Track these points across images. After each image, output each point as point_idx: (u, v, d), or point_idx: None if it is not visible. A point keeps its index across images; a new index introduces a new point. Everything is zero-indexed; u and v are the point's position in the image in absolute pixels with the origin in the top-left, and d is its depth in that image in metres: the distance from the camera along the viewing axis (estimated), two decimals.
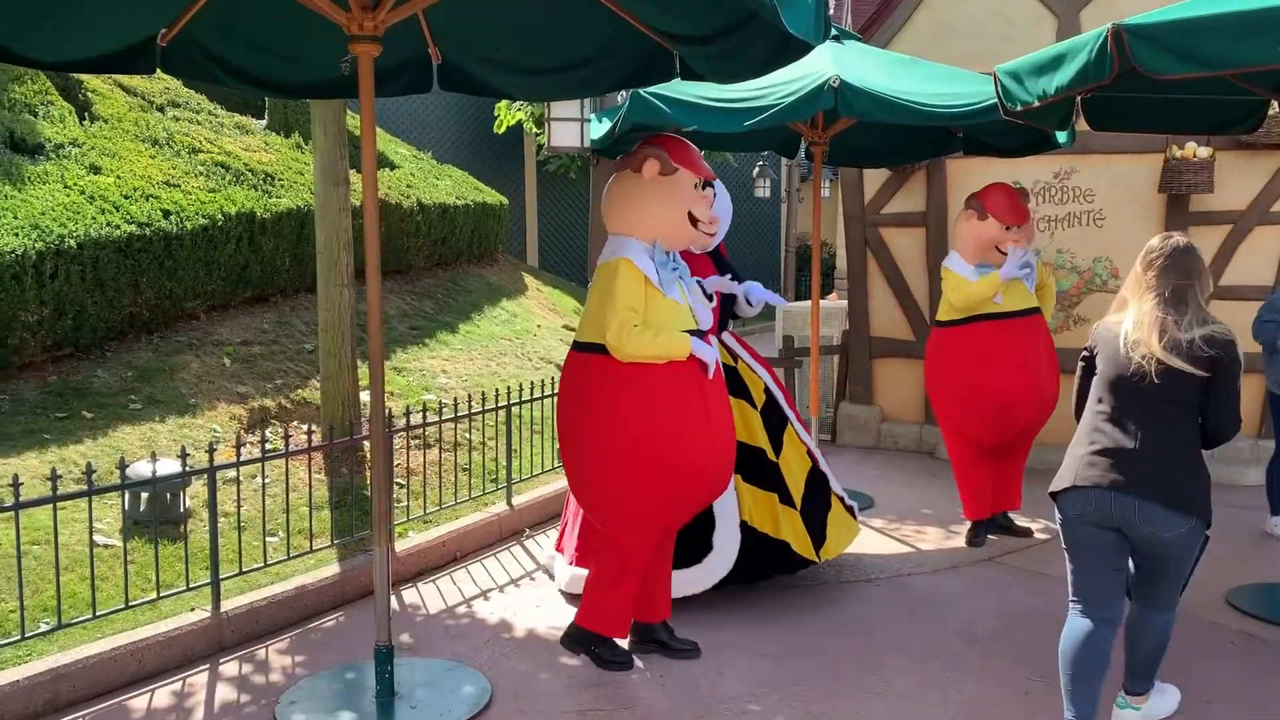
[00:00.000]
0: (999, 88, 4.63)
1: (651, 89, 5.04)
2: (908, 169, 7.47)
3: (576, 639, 3.92)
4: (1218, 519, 3.62)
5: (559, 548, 4.81)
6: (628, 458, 3.63)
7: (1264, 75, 4.48)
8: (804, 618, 4.43)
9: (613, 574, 3.80)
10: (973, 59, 6.42)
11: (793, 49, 3.62)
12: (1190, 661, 3.97)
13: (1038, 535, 5.64)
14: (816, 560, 4.55)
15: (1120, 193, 6.97)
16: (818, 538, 4.57)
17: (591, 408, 3.68)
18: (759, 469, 4.50)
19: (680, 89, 5.05)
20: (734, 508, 4.38)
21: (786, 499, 4.52)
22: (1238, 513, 5.18)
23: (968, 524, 5.61)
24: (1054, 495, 3.36)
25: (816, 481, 4.67)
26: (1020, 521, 5.76)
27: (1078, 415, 3.49)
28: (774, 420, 4.63)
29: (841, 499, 4.76)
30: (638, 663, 3.97)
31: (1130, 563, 3.33)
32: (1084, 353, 3.48)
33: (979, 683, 3.82)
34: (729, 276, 4.55)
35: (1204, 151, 6.52)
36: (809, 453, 4.70)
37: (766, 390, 4.68)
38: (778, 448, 4.59)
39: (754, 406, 4.58)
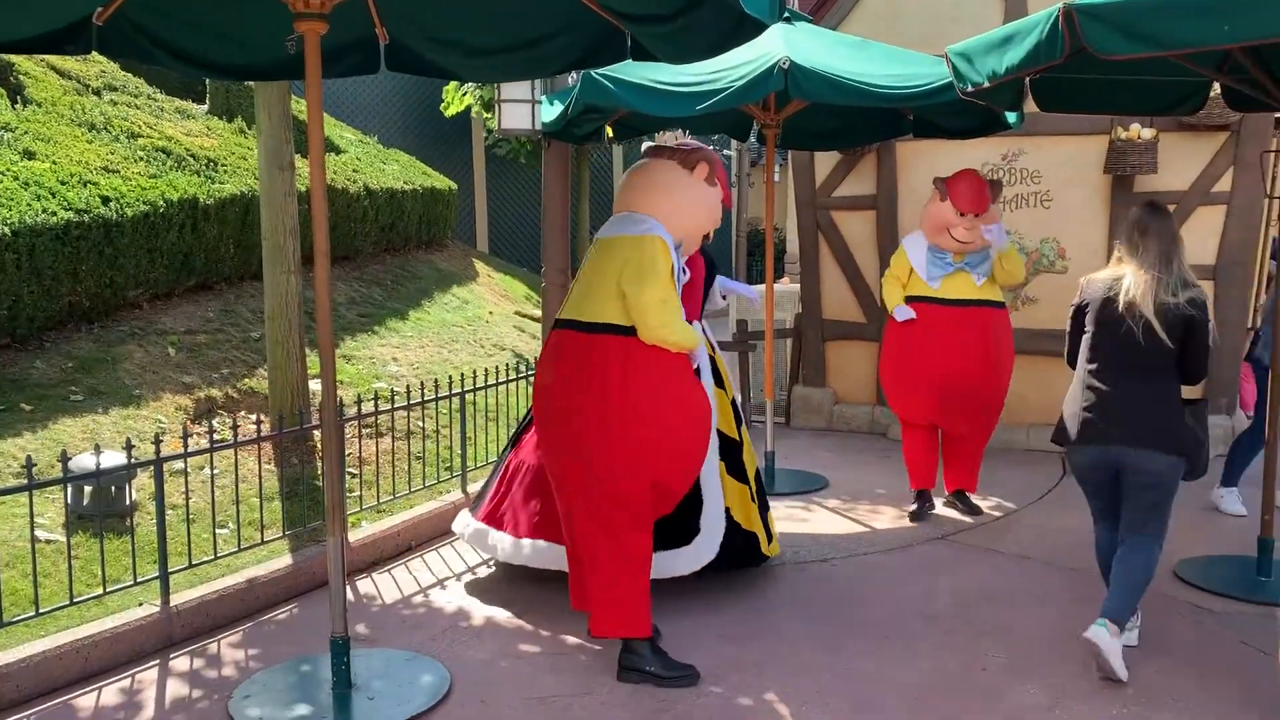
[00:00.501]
0: (951, 68, 4.65)
1: (603, 70, 4.99)
2: (858, 152, 7.50)
3: (629, 665, 3.67)
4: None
5: (492, 521, 4.56)
6: (659, 446, 3.58)
7: (1209, 56, 4.55)
8: (762, 599, 4.44)
9: (634, 571, 3.68)
10: (922, 40, 6.44)
11: (746, 29, 3.59)
12: (1141, 632, 4.03)
13: (989, 513, 5.71)
14: (768, 556, 4.64)
15: (1067, 174, 7.05)
16: (768, 532, 4.63)
17: (621, 394, 3.54)
18: (735, 460, 4.47)
19: (632, 71, 5.01)
20: (719, 492, 4.29)
21: (750, 492, 4.53)
22: (1184, 487, 5.27)
23: None
24: (1055, 441, 4.04)
25: (758, 477, 4.71)
26: (975, 500, 5.82)
27: (1071, 363, 4.03)
28: (736, 412, 4.63)
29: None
30: (598, 648, 3.95)
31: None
32: (1074, 305, 4.04)
33: (937, 659, 3.85)
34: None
35: (1148, 133, 6.62)
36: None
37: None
38: (743, 441, 4.59)
39: (726, 393, 4.58)
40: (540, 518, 4.41)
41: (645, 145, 4.52)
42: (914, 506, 5.66)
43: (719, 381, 4.50)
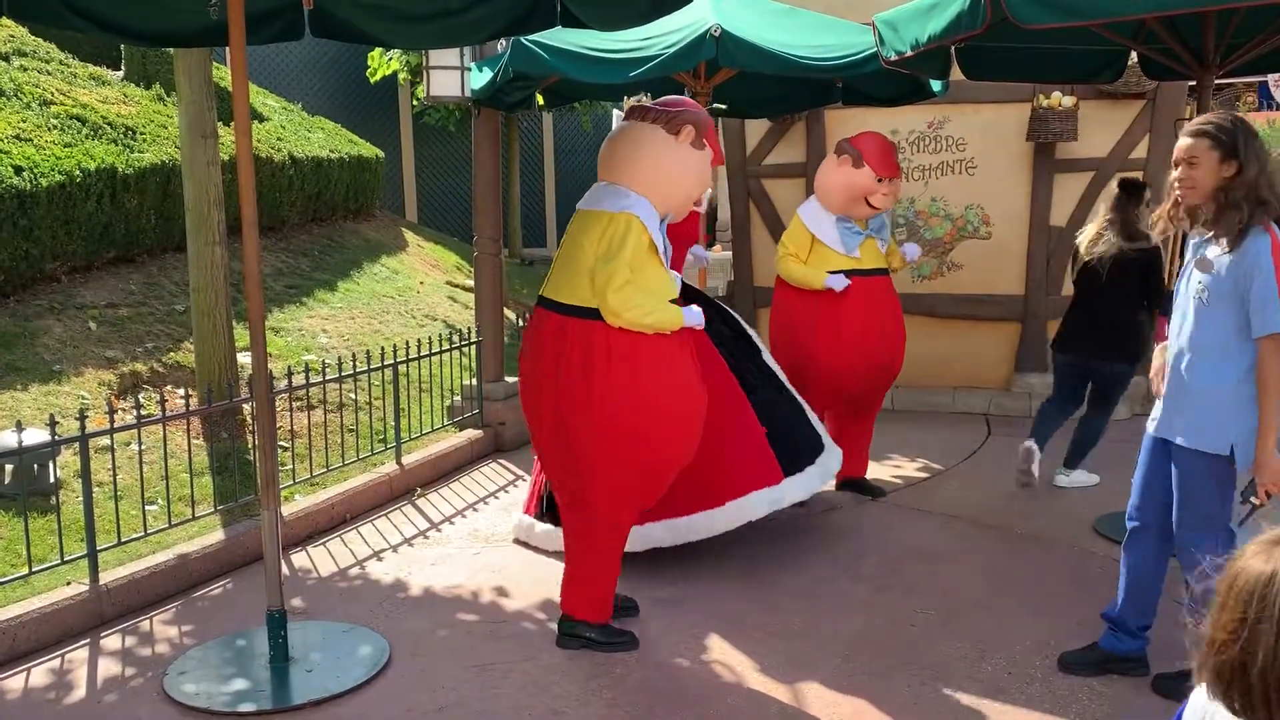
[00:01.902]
0: (877, 36, 4.72)
1: (533, 37, 4.96)
2: (788, 120, 7.55)
3: (569, 633, 3.70)
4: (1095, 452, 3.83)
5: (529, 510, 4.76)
6: (645, 435, 3.45)
7: (1126, 25, 4.67)
8: (694, 564, 4.49)
9: (610, 560, 3.67)
10: (850, 8, 6.49)
11: None
12: (1061, 586, 4.19)
13: (915, 474, 5.84)
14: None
15: (990, 141, 7.19)
16: None
17: (603, 382, 3.41)
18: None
19: (562, 38, 4.98)
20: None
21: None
22: (1108, 445, 5.46)
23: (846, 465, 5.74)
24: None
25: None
26: (874, 477, 5.66)
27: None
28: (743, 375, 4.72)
29: None
30: (538, 615, 3.98)
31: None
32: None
33: (868, 617, 3.95)
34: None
35: (1068, 101, 6.77)
36: None
37: None
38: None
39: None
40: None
41: (627, 104, 4.43)
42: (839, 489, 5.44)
43: (737, 351, 4.59)
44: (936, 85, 5.79)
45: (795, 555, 4.62)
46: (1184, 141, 3.14)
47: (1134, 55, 5.25)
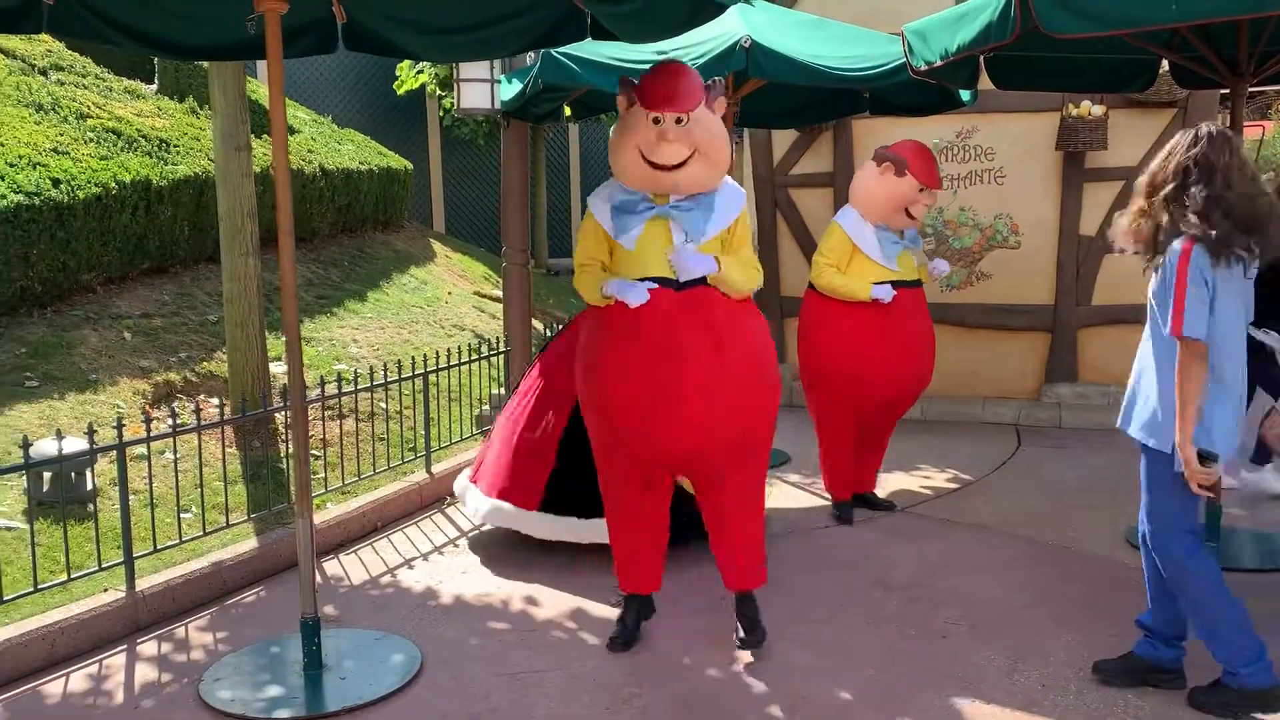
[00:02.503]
0: (906, 46, 4.72)
1: (562, 49, 5.00)
2: (815, 130, 7.56)
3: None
4: (1124, 461, 3.79)
5: (474, 479, 4.87)
6: (584, 402, 3.69)
7: (1158, 34, 4.64)
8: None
9: (613, 522, 3.86)
10: (874, 17, 6.51)
11: (708, 9, 3.62)
12: (1093, 597, 4.15)
13: (945, 484, 5.82)
14: None
15: (1019, 151, 7.16)
16: None
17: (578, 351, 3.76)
18: None
19: (591, 49, 5.02)
20: None
21: None
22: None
23: (878, 476, 5.74)
24: None
25: None
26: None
27: None
28: None
29: None
30: (569, 623, 4.00)
31: None
32: None
33: (899, 628, 3.94)
34: None
35: (1098, 110, 6.74)
36: None
37: None
38: None
39: None
40: (496, 476, 4.71)
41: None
42: (836, 511, 5.28)
43: None
44: (965, 95, 5.78)
45: (825, 566, 4.61)
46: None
47: (1165, 63, 5.22)
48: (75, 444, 4.15)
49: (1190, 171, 3.09)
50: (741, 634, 3.70)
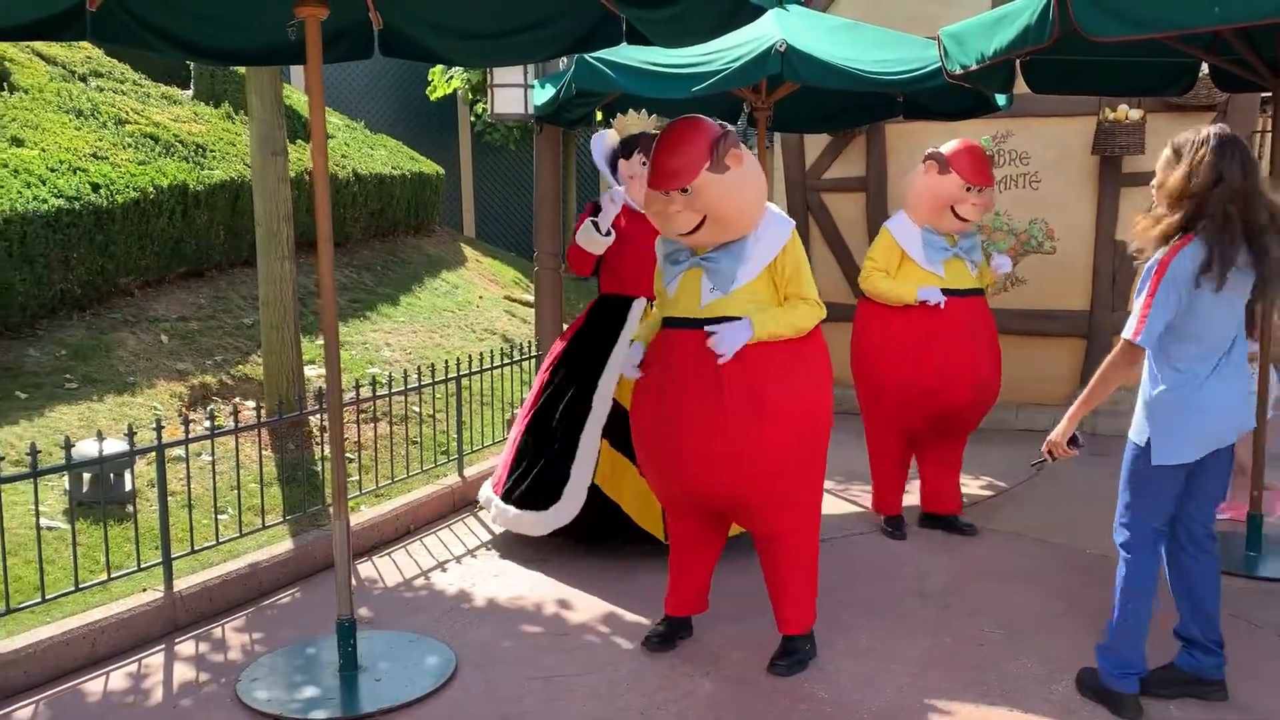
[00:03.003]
0: (942, 50, 4.70)
1: (596, 54, 5.01)
2: (848, 134, 7.53)
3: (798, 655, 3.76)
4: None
5: (497, 490, 4.91)
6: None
7: (1198, 37, 4.59)
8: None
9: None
10: (911, 22, 6.48)
11: (744, 14, 3.61)
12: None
13: (980, 492, 5.77)
14: (660, 539, 4.50)
15: (1054, 155, 7.10)
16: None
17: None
18: (625, 433, 4.38)
19: (625, 54, 5.03)
20: (590, 467, 4.57)
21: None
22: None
23: (910, 482, 5.67)
24: None
25: None
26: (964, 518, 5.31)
27: None
28: None
29: None
30: (602, 627, 4.00)
31: None
32: None
33: (934, 636, 3.91)
34: None
35: (1135, 114, 6.67)
36: None
37: None
38: None
39: None
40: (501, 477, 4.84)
41: (621, 123, 4.69)
42: (887, 525, 5.14)
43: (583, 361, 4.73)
44: (1001, 100, 5.74)
45: (859, 573, 4.59)
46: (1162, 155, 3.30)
47: (1205, 67, 5.17)
48: (114, 445, 4.19)
49: (1197, 175, 3.07)
50: (775, 655, 3.69)
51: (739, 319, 3.39)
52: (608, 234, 4.57)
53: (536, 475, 4.67)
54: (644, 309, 4.66)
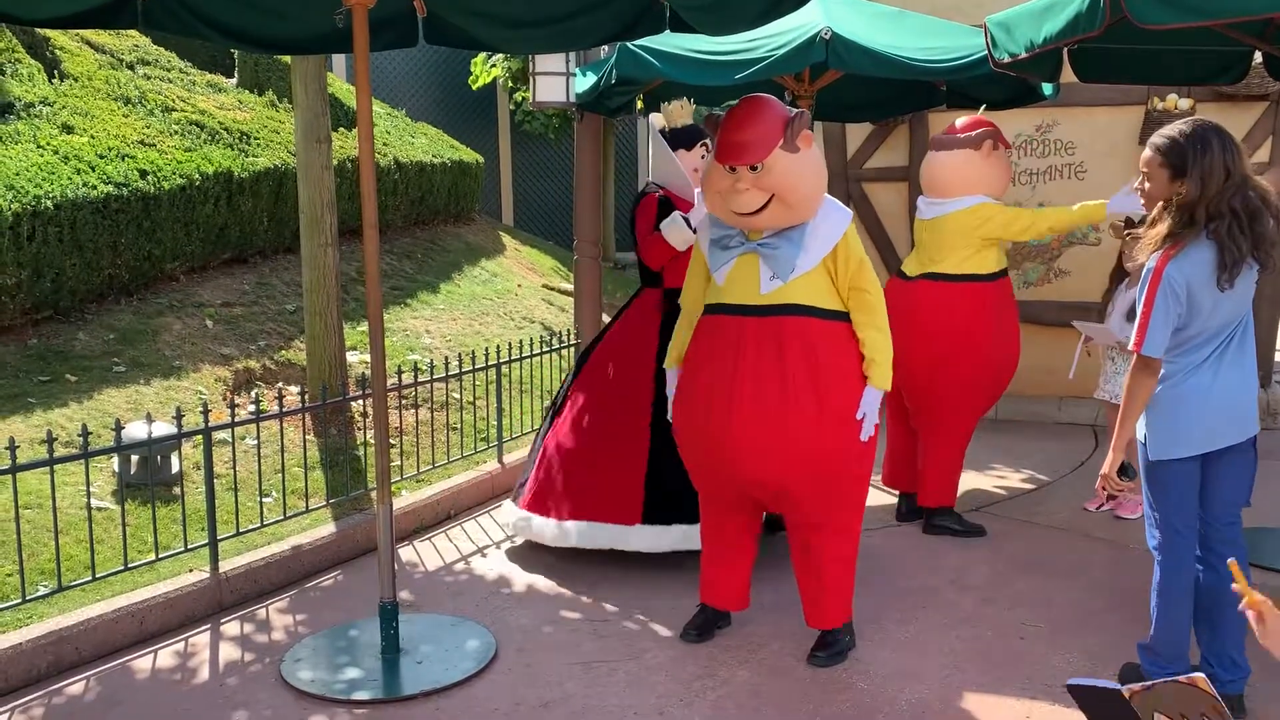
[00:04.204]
0: (989, 39, 4.64)
1: (639, 41, 5.00)
2: (890, 123, 7.47)
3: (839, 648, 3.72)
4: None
5: (535, 508, 4.58)
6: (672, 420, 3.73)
7: (1251, 24, 4.51)
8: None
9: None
10: (958, 11, 6.41)
11: (789, 1, 3.59)
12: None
13: (1021, 485, 5.72)
14: None
15: (1101, 145, 7.00)
16: None
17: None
18: None
19: (668, 41, 5.01)
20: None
21: None
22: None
23: None
24: None
25: None
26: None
27: None
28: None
29: None
30: (640, 615, 4.01)
31: None
32: None
33: (975, 629, 3.89)
34: None
35: (1185, 103, 6.56)
36: None
37: None
38: None
39: None
40: (581, 498, 4.43)
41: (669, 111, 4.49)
42: (953, 519, 4.99)
43: None
44: (1047, 89, 5.66)
45: (899, 565, 4.57)
46: (1144, 154, 3.23)
47: (1258, 55, 5.07)
48: (162, 428, 4.26)
49: (1210, 178, 3.03)
50: (814, 647, 3.67)
51: (866, 387, 3.44)
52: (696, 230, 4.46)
53: (662, 488, 4.35)
54: None
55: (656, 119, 4.56)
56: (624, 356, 4.59)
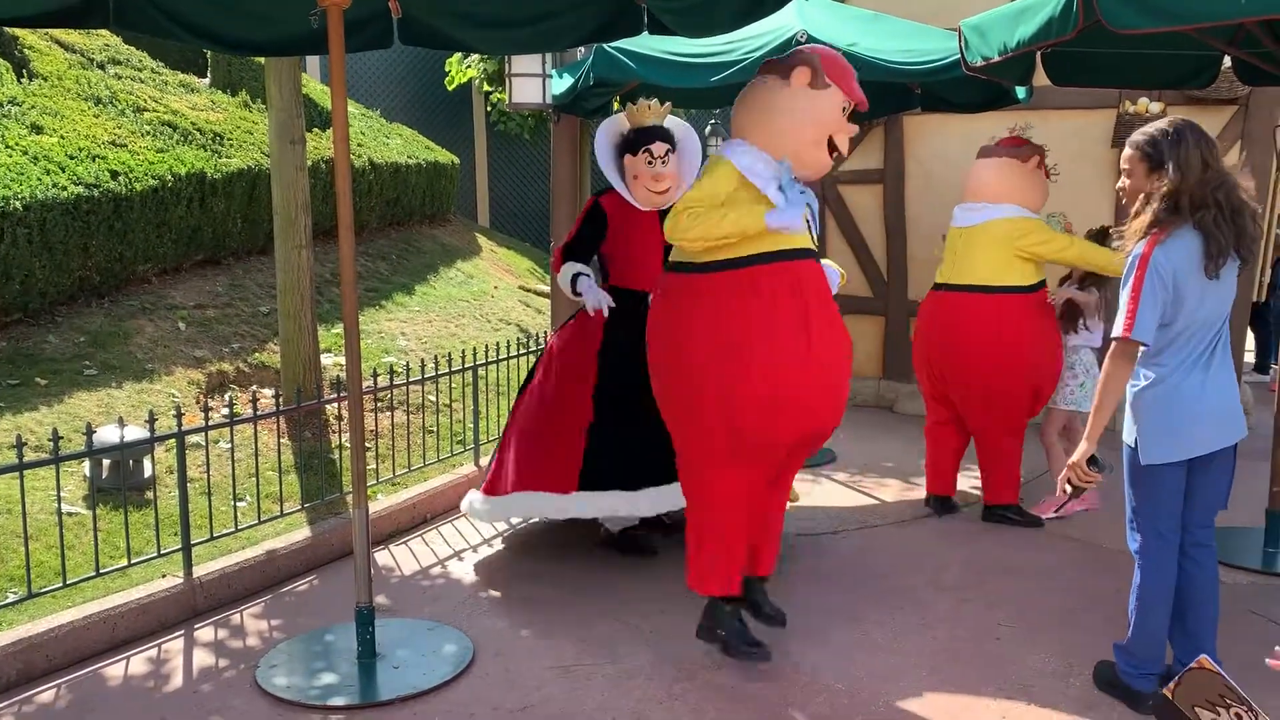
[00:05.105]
0: (962, 42, 4.67)
1: (616, 43, 5.00)
2: (865, 126, 7.50)
3: (705, 624, 3.63)
4: None
5: (489, 490, 4.64)
6: (690, 383, 3.37)
7: (1222, 29, 4.56)
8: (776, 570, 4.46)
9: (706, 521, 3.55)
10: (933, 16, 6.43)
11: (767, 4, 3.60)
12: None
13: None
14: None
15: (1074, 148, 7.05)
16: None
17: (669, 330, 3.44)
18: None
19: (645, 44, 5.02)
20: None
21: None
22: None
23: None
24: None
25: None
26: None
27: None
28: None
29: None
30: (619, 618, 4.00)
31: None
32: None
33: (951, 629, 3.91)
34: None
35: (1156, 106, 6.63)
36: None
37: None
38: None
39: None
40: (524, 470, 4.51)
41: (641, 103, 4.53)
42: (1015, 513, 5.20)
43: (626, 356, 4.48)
44: (1021, 92, 5.71)
45: (876, 565, 4.58)
46: (1124, 151, 3.28)
47: (1227, 59, 5.12)
48: (135, 432, 4.22)
49: (1188, 169, 3.08)
50: (768, 611, 3.71)
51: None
52: (576, 295, 4.54)
53: (622, 453, 4.38)
54: None
55: (608, 124, 4.57)
56: (572, 335, 4.70)
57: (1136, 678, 3.28)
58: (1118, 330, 3.09)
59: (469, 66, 10.80)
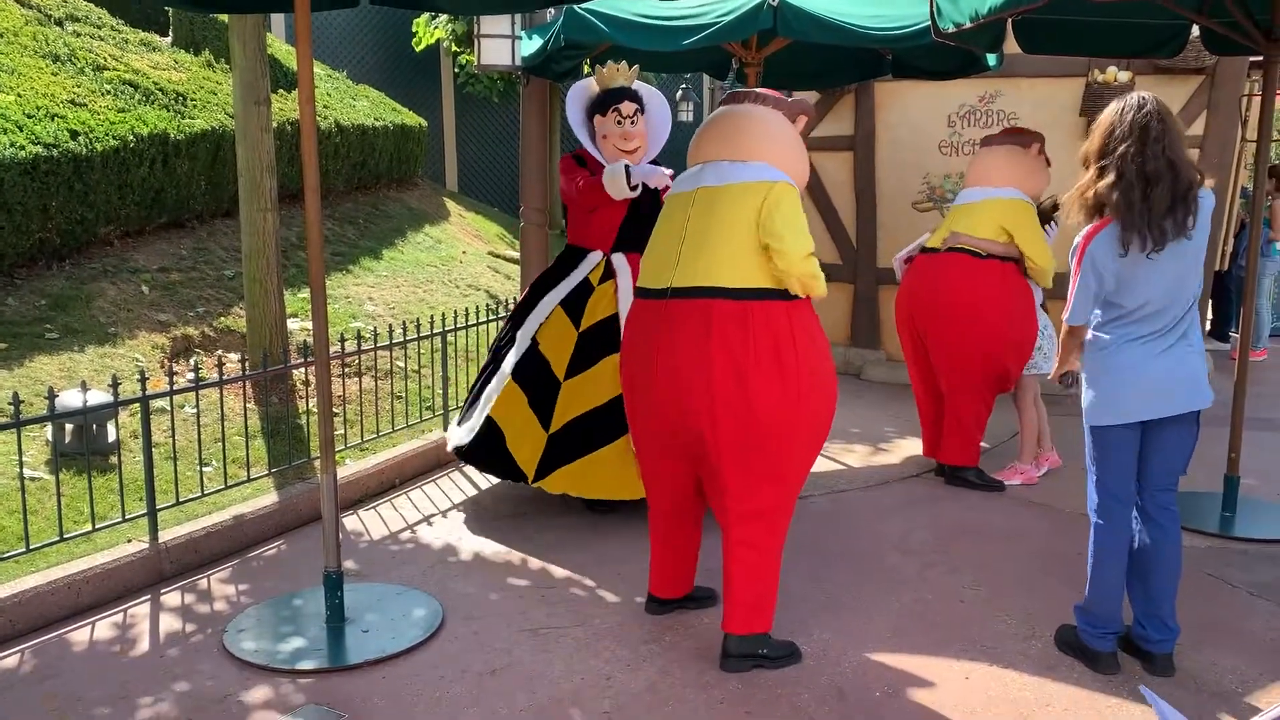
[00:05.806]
0: (933, 8, 4.66)
1: (586, 5, 4.95)
2: (836, 92, 7.49)
3: (748, 653, 3.34)
4: None
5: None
6: (827, 419, 3.36)
7: None
8: None
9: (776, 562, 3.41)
10: None
11: None
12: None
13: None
14: (527, 480, 4.48)
15: (1043, 116, 7.08)
16: (552, 466, 4.46)
17: (796, 369, 3.19)
18: (537, 376, 4.58)
19: (615, 6, 4.98)
20: (493, 398, 4.64)
21: (542, 414, 4.52)
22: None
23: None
24: None
25: (599, 421, 4.48)
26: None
27: None
28: (594, 348, 4.55)
29: None
30: (588, 580, 4.03)
31: None
32: None
33: (916, 592, 3.96)
34: None
35: (1124, 75, 6.66)
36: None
37: (614, 319, 4.56)
38: (576, 371, 4.54)
39: (576, 328, 4.60)
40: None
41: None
42: (977, 476, 5.32)
43: (571, 311, 4.68)
44: (991, 59, 5.72)
45: (842, 529, 4.63)
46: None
47: (1195, 29, 5.15)
48: (98, 396, 4.16)
49: (1126, 139, 3.11)
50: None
51: None
52: (634, 189, 4.51)
53: (470, 397, 4.88)
54: (597, 262, 4.66)
55: (578, 86, 4.63)
56: (541, 282, 4.86)
57: (1095, 637, 3.35)
58: (1064, 312, 3.32)
59: (437, 27, 10.67)
